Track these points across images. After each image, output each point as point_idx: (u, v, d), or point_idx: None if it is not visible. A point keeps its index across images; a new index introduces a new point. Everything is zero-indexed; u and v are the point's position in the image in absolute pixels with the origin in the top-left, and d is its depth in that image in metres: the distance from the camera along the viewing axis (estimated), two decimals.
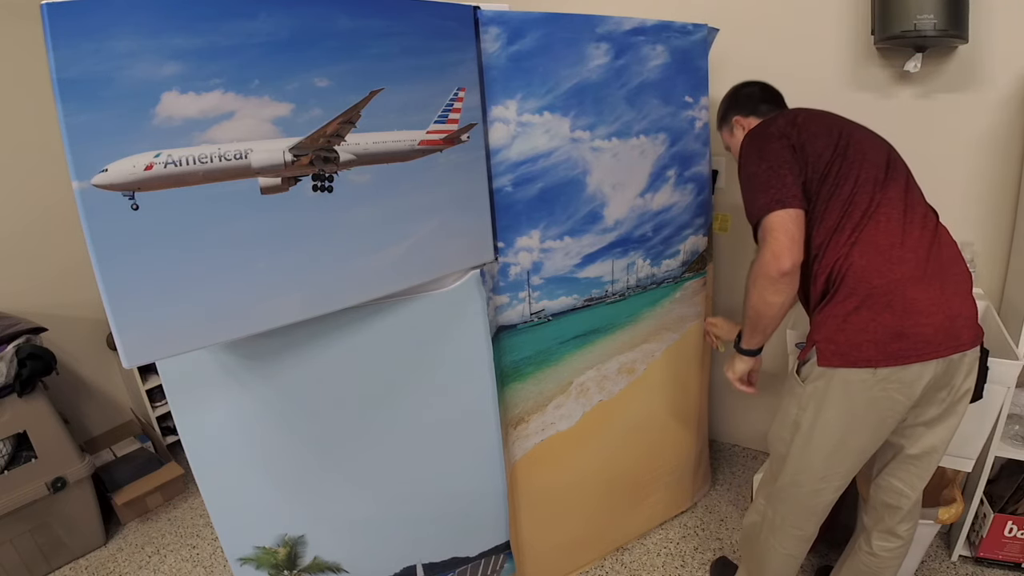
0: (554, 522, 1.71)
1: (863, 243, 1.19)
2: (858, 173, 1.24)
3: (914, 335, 1.13)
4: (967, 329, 1.16)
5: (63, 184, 0.87)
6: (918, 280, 1.16)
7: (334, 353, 1.18)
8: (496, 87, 1.25)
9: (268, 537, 1.26)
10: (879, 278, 1.16)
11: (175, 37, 0.80)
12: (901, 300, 1.14)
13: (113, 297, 0.82)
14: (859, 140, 1.29)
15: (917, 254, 1.18)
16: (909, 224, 1.21)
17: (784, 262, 1.20)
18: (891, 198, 1.23)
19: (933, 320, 1.14)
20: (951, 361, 1.16)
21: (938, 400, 1.22)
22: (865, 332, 1.15)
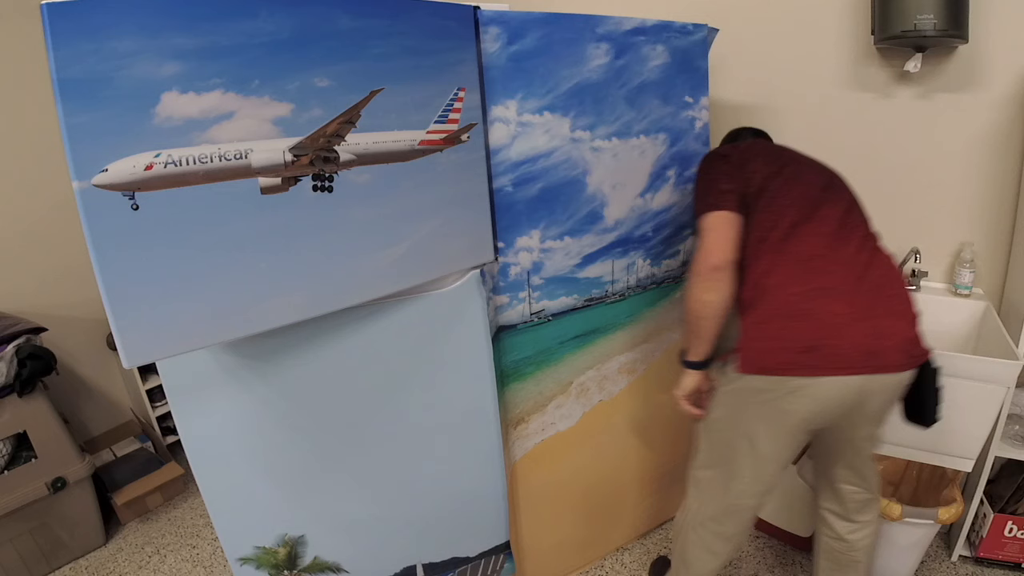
0: (554, 522, 1.71)
1: (787, 253, 1.21)
2: (793, 190, 1.28)
3: (829, 347, 1.12)
4: (895, 352, 1.13)
5: (63, 184, 0.87)
6: (841, 294, 1.15)
7: (334, 353, 1.18)
8: (496, 87, 1.25)
9: (268, 537, 1.26)
10: (798, 287, 1.17)
11: (175, 37, 0.80)
12: (819, 311, 1.14)
13: (113, 297, 0.82)
14: (799, 163, 1.35)
15: (846, 270, 1.18)
16: (841, 241, 1.21)
17: (714, 257, 1.25)
18: (824, 216, 1.24)
19: (853, 336, 1.12)
20: (871, 381, 1.13)
21: (865, 419, 1.22)
22: (779, 340, 1.15)
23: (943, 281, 1.81)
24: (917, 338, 1.16)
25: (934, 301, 1.74)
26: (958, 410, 1.44)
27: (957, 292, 1.72)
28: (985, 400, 1.40)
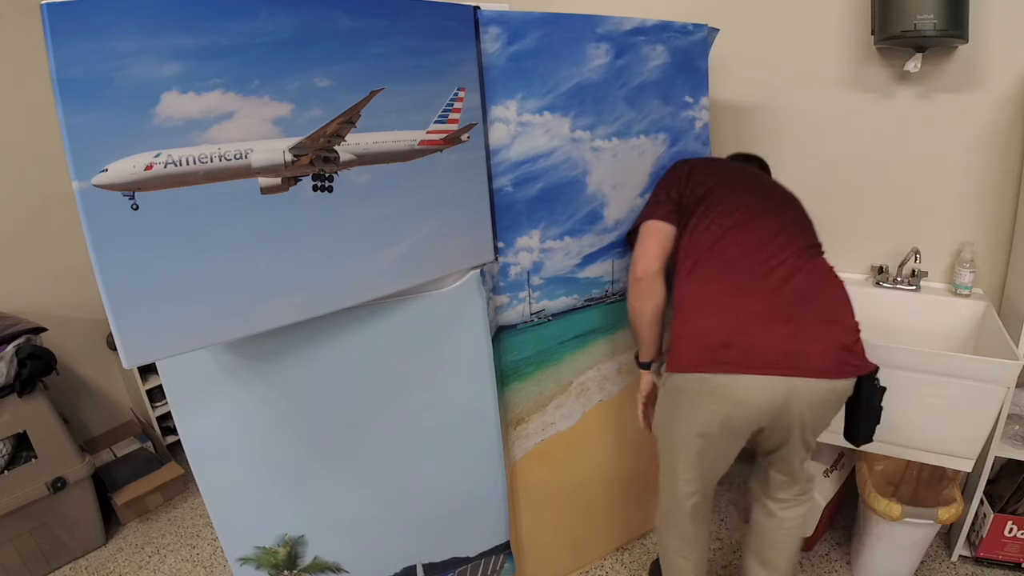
0: (554, 522, 1.71)
1: (714, 254, 1.24)
2: (732, 199, 1.32)
3: (743, 344, 1.12)
4: (821, 356, 1.12)
5: (63, 184, 0.87)
6: (759, 293, 1.16)
7: (334, 353, 1.18)
8: (496, 87, 1.25)
9: (268, 537, 1.26)
10: (718, 285, 1.19)
11: (175, 37, 0.80)
12: (734, 308, 1.15)
13: (113, 297, 0.82)
14: (748, 178, 1.41)
15: (771, 274, 1.18)
16: (773, 250, 1.22)
17: (638, 268, 1.35)
18: (759, 226, 1.27)
19: (770, 335, 1.12)
20: (795, 384, 1.12)
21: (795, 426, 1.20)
22: (698, 338, 1.17)
23: (943, 281, 1.81)
24: (850, 347, 1.14)
25: (934, 301, 1.74)
26: (958, 410, 1.44)
27: (957, 292, 1.72)
28: (985, 400, 1.40)
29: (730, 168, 1.45)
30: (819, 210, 1.89)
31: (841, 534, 1.91)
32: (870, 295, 1.82)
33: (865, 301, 1.81)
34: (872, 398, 1.19)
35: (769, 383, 1.12)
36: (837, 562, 1.81)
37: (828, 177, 1.87)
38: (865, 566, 1.70)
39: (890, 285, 1.81)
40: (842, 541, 1.89)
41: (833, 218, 1.90)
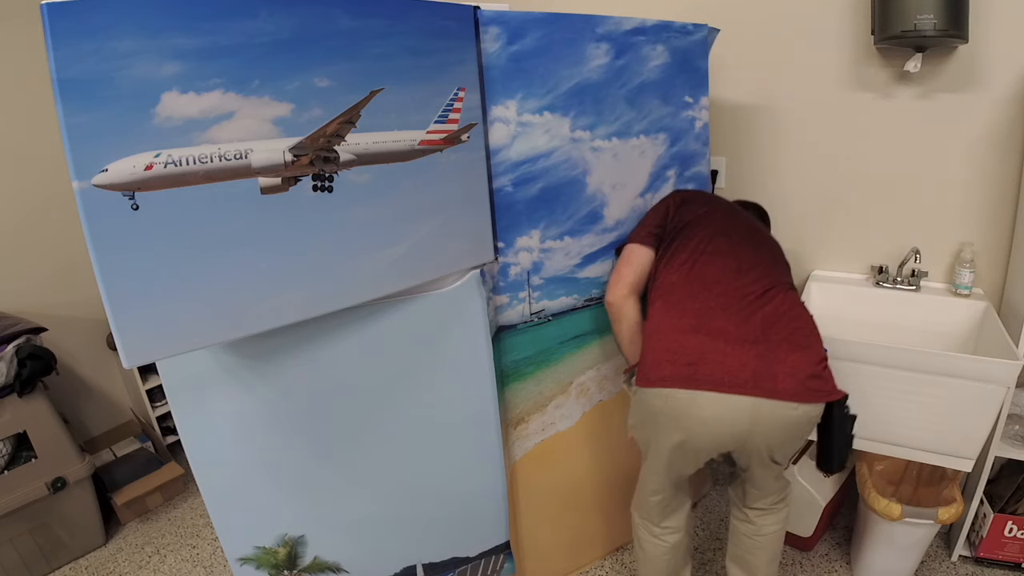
0: (554, 522, 1.71)
1: (692, 273, 1.29)
2: (716, 227, 1.38)
3: (713, 362, 1.14)
4: (788, 378, 1.12)
5: (63, 184, 0.87)
6: (732, 315, 1.19)
7: (334, 353, 1.18)
8: (496, 87, 1.25)
9: (268, 537, 1.26)
10: (693, 303, 1.23)
11: (175, 37, 0.80)
12: (709, 328, 1.18)
13: (113, 297, 0.82)
14: (736, 217, 1.46)
15: (745, 300, 1.22)
16: (748, 279, 1.26)
17: (608, 294, 1.43)
18: (738, 255, 1.31)
19: (741, 356, 1.13)
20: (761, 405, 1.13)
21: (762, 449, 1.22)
22: (668, 352, 1.18)
23: (943, 281, 1.81)
24: (818, 374, 1.15)
25: (934, 301, 1.74)
26: (958, 410, 1.44)
27: (957, 292, 1.72)
28: (985, 400, 1.40)
29: (721, 204, 1.50)
30: (819, 210, 1.91)
31: (841, 534, 1.91)
32: (870, 295, 1.82)
33: (865, 301, 1.83)
34: (843, 425, 1.20)
35: (733, 403, 1.13)
36: (837, 562, 1.81)
37: (828, 177, 1.87)
38: (865, 566, 1.70)
39: (890, 285, 1.81)
40: (842, 541, 1.89)
41: (833, 218, 1.90)
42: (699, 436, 1.19)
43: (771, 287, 1.26)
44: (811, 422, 1.18)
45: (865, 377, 1.49)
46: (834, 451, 1.23)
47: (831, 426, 1.20)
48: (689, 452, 1.25)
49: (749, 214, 1.55)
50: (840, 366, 1.50)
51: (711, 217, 1.42)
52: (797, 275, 1.99)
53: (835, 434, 1.21)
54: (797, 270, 1.99)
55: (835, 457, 1.24)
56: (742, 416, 1.13)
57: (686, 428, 1.18)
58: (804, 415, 1.16)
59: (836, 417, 1.19)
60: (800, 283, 1.97)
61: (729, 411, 1.13)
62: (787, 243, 1.97)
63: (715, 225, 1.40)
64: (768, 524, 1.41)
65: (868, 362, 1.48)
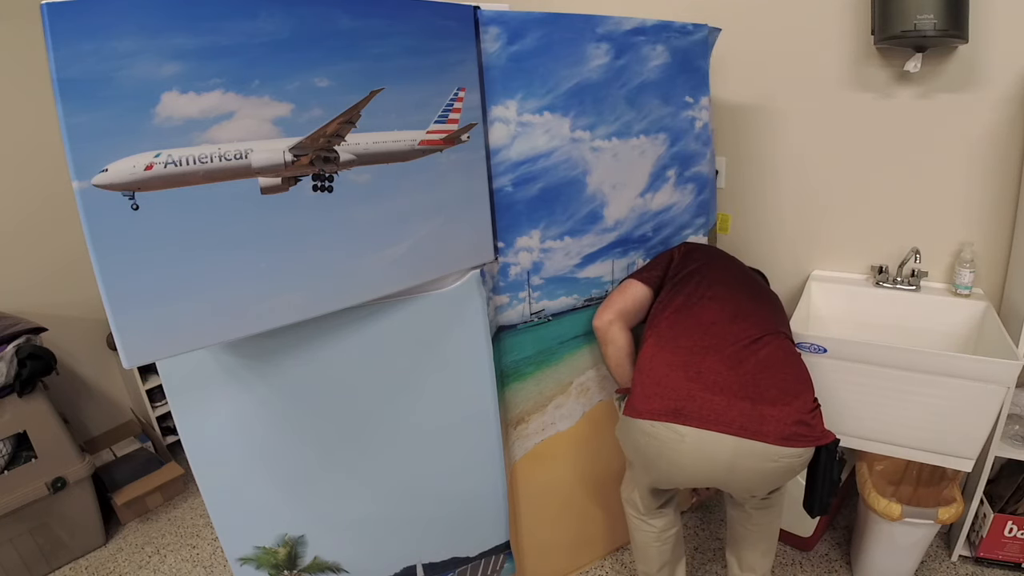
0: (554, 522, 1.71)
1: (689, 314, 1.32)
2: (716, 276, 1.42)
3: (699, 399, 1.16)
4: (776, 424, 1.13)
5: (63, 184, 0.87)
6: (727, 357, 1.21)
7: (334, 353, 1.18)
8: (496, 87, 1.25)
9: (268, 537, 1.26)
10: (688, 341, 1.26)
11: (175, 37, 0.80)
12: (696, 365, 1.20)
13: (113, 297, 0.82)
14: (734, 266, 1.51)
15: (744, 343, 1.25)
16: (751, 323, 1.29)
17: (596, 318, 1.46)
18: (736, 301, 1.34)
19: (728, 397, 1.15)
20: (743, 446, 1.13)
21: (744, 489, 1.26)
22: (658, 386, 1.21)
23: (943, 281, 1.81)
24: (807, 421, 1.15)
25: (934, 301, 1.74)
26: (958, 410, 1.44)
27: (957, 292, 1.72)
28: (985, 400, 1.40)
29: (723, 257, 1.55)
30: (819, 210, 1.91)
31: (841, 534, 1.91)
32: (870, 295, 1.82)
33: (865, 301, 1.82)
34: (829, 469, 1.20)
35: (715, 440, 1.14)
36: (837, 562, 1.81)
37: (828, 177, 1.87)
38: (865, 566, 1.70)
39: (890, 285, 1.81)
40: (842, 541, 1.89)
41: (833, 218, 1.90)
42: (674, 473, 1.23)
43: (766, 334, 1.28)
44: (792, 470, 1.18)
45: (865, 377, 1.49)
46: (817, 494, 1.24)
47: (816, 469, 1.21)
48: (667, 484, 1.31)
49: (750, 271, 1.59)
50: (840, 366, 1.51)
51: (712, 267, 1.47)
52: (797, 275, 1.99)
53: (819, 477, 1.21)
54: (797, 270, 1.99)
55: (817, 501, 1.25)
56: (723, 455, 1.15)
57: (663, 463, 1.22)
58: (786, 466, 1.16)
59: (823, 461, 1.19)
60: (800, 283, 1.97)
61: (710, 449, 1.15)
62: (787, 244, 1.98)
63: (715, 274, 1.44)
64: (759, 515, 1.43)
65: (868, 362, 1.48)
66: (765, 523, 1.43)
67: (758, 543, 1.45)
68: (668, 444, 1.18)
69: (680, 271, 1.47)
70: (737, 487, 1.26)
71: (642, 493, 1.44)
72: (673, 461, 1.20)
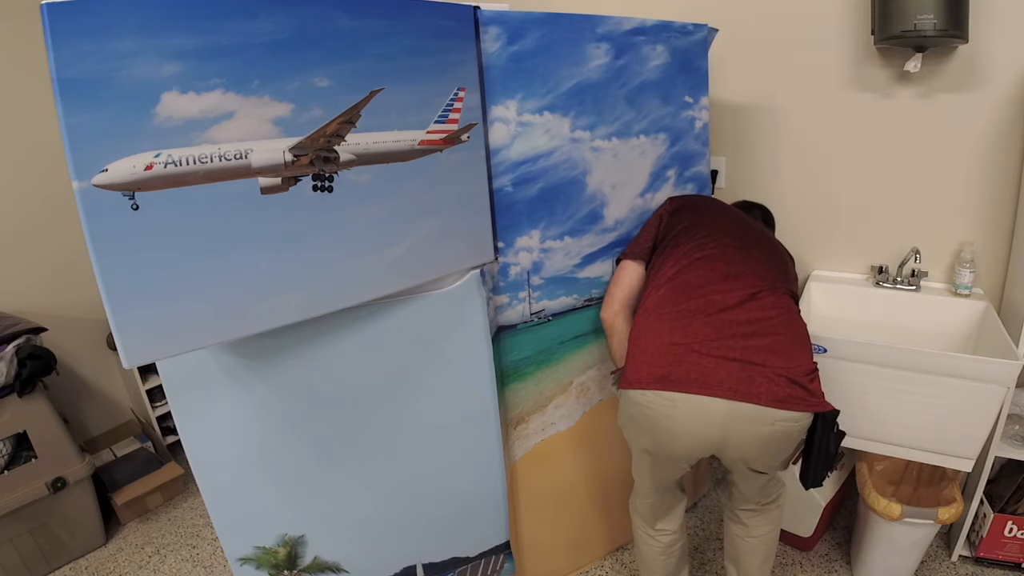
0: (554, 522, 1.71)
1: (676, 281, 1.28)
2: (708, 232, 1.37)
3: (687, 363, 1.14)
4: (766, 384, 1.11)
5: (63, 184, 0.87)
6: (719, 323, 1.18)
7: (334, 353, 1.18)
8: (496, 87, 1.25)
9: (268, 537, 1.26)
10: (673, 307, 1.24)
11: (175, 37, 0.80)
12: (683, 330, 1.19)
13: (113, 297, 0.82)
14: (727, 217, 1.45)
15: (732, 303, 1.21)
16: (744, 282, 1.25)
17: (602, 311, 1.46)
18: (732, 259, 1.30)
19: (716, 359, 1.13)
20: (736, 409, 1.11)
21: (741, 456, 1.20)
22: (645, 354, 1.20)
23: (943, 281, 1.81)
24: (802, 383, 1.13)
25: (934, 301, 1.74)
26: (958, 410, 1.44)
27: (957, 292, 1.72)
28: (985, 400, 1.40)
29: (713, 208, 1.50)
30: (819, 210, 1.91)
31: (841, 534, 1.91)
32: (870, 295, 1.82)
33: (865, 301, 1.83)
34: (825, 441, 1.16)
35: (706, 405, 1.12)
36: (837, 562, 1.81)
37: (828, 177, 1.87)
38: (865, 566, 1.70)
39: (890, 285, 1.81)
40: (842, 541, 1.89)
41: (833, 218, 1.90)
42: (670, 442, 1.20)
43: (760, 291, 1.24)
44: (790, 437, 1.15)
45: (865, 377, 1.49)
46: (811, 467, 1.20)
47: (812, 440, 1.17)
48: (664, 457, 1.26)
49: (749, 217, 1.54)
50: (840, 366, 1.51)
51: (702, 224, 1.42)
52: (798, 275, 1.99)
53: (814, 449, 1.17)
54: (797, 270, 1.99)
55: (810, 473, 1.21)
56: (715, 419, 1.12)
57: (658, 432, 1.20)
58: (783, 431, 1.13)
59: (819, 432, 1.15)
60: (800, 283, 1.97)
61: (701, 414, 1.13)
62: (787, 243, 1.97)
63: (705, 230, 1.39)
64: (758, 526, 1.41)
65: (868, 362, 1.48)
66: (764, 534, 1.41)
67: (757, 554, 1.43)
68: (661, 411, 1.16)
69: (669, 232, 1.43)
70: (735, 454, 1.19)
71: (646, 490, 1.40)
72: (667, 428, 1.17)
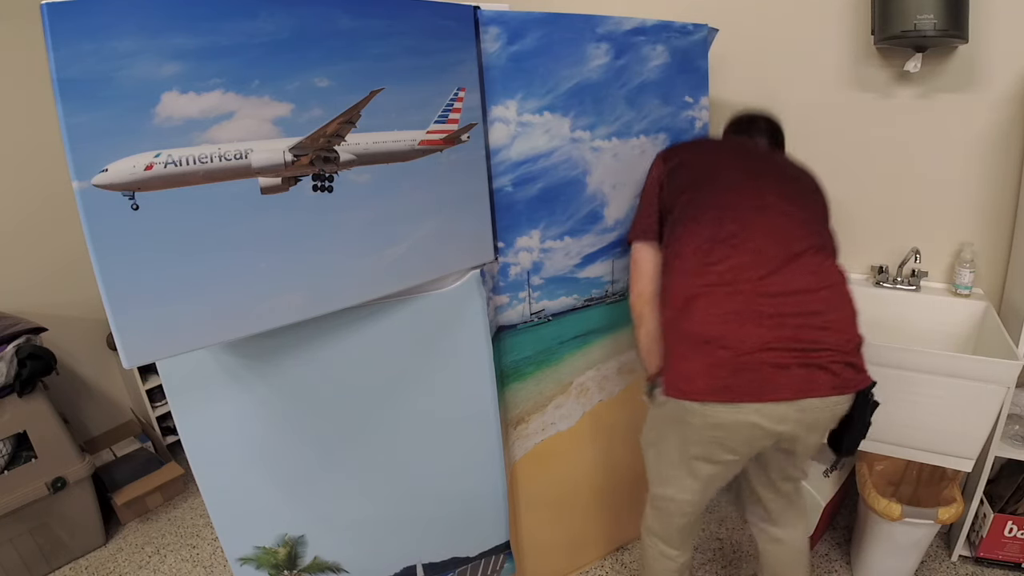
0: (554, 522, 1.71)
1: (707, 272, 1.16)
2: (720, 200, 1.23)
3: (749, 370, 1.09)
4: (827, 373, 1.10)
5: (63, 184, 0.87)
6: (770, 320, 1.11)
7: (334, 353, 1.18)
8: (496, 87, 1.25)
9: (268, 537, 1.26)
10: (718, 310, 1.14)
11: (175, 37, 0.80)
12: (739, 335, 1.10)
13: (113, 297, 0.82)
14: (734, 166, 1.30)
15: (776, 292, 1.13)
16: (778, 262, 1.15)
17: (638, 302, 1.35)
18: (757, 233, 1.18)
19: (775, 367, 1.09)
20: (805, 406, 1.11)
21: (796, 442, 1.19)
22: (702, 365, 1.13)
23: (943, 281, 1.81)
24: (854, 364, 1.13)
25: (934, 301, 1.74)
26: (958, 410, 1.44)
27: (957, 292, 1.72)
28: (985, 400, 1.40)
29: (718, 157, 1.34)
30: None
31: (841, 534, 1.91)
32: (870, 295, 1.82)
33: (865, 301, 1.81)
34: (864, 412, 1.17)
35: (773, 409, 1.11)
36: (837, 562, 1.81)
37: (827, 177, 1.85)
38: (865, 566, 1.70)
39: (890, 285, 1.81)
40: (842, 541, 1.89)
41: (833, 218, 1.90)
42: (736, 448, 1.17)
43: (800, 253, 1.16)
44: (836, 417, 1.17)
45: None
46: (847, 435, 1.20)
47: (854, 411, 1.17)
48: (723, 461, 1.21)
49: (755, 150, 1.40)
50: None
51: (710, 187, 1.27)
52: None
53: (855, 419, 1.18)
54: None
55: (846, 441, 1.21)
56: (781, 419, 1.12)
57: (724, 437, 1.15)
58: (839, 412, 1.15)
59: (859, 403, 1.16)
60: None
61: (770, 416, 1.11)
62: None
63: (718, 197, 1.24)
64: (795, 538, 1.40)
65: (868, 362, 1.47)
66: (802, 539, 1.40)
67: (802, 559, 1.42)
68: (727, 419, 1.12)
69: (675, 202, 1.30)
70: (789, 445, 1.20)
71: (689, 508, 1.31)
72: (735, 434, 1.14)
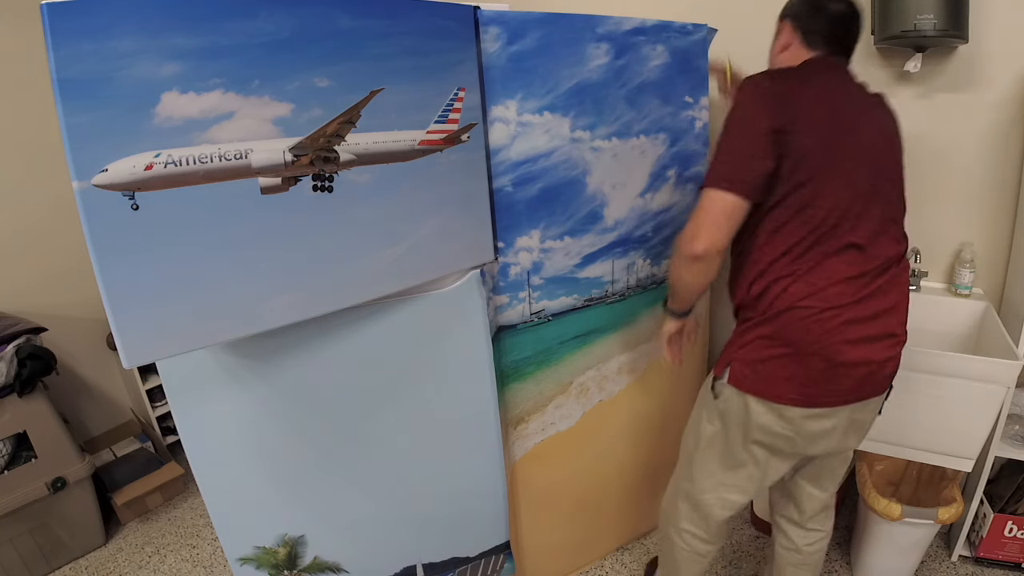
0: (554, 522, 1.71)
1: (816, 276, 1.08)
2: (847, 194, 1.09)
3: (836, 383, 1.10)
4: (885, 375, 1.15)
5: (63, 184, 0.87)
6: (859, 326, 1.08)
7: (334, 353, 1.18)
8: (496, 87, 1.25)
9: (268, 537, 1.26)
10: (814, 306, 1.07)
11: (175, 37, 0.80)
12: (833, 347, 1.07)
13: (113, 297, 0.82)
14: (857, 143, 1.13)
15: (872, 300, 1.09)
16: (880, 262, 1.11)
17: (697, 245, 1.09)
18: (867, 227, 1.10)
19: (859, 372, 1.10)
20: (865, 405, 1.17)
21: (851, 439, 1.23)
22: (786, 369, 1.09)
23: (943, 281, 1.81)
24: (898, 355, 1.16)
25: (934, 301, 1.74)
26: (958, 410, 1.44)
27: (957, 292, 1.72)
28: (985, 400, 1.40)
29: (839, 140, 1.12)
30: None
31: (841, 534, 1.91)
32: None
33: None
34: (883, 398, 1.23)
35: (845, 410, 1.15)
36: (837, 562, 1.81)
37: None
38: (865, 566, 1.70)
39: None
40: (842, 541, 1.89)
41: None
42: (807, 446, 1.18)
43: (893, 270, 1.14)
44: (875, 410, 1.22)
45: None
46: None
47: None
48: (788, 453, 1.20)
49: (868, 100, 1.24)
50: None
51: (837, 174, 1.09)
52: None
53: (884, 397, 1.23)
54: None
55: None
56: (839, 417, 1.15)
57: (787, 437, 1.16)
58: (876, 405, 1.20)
59: None
60: None
61: (835, 418, 1.14)
62: None
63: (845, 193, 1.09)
64: (816, 549, 1.41)
65: None
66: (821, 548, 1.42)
67: (817, 566, 1.44)
68: (795, 427, 1.14)
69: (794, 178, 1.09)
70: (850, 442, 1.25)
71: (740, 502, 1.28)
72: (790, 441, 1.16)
